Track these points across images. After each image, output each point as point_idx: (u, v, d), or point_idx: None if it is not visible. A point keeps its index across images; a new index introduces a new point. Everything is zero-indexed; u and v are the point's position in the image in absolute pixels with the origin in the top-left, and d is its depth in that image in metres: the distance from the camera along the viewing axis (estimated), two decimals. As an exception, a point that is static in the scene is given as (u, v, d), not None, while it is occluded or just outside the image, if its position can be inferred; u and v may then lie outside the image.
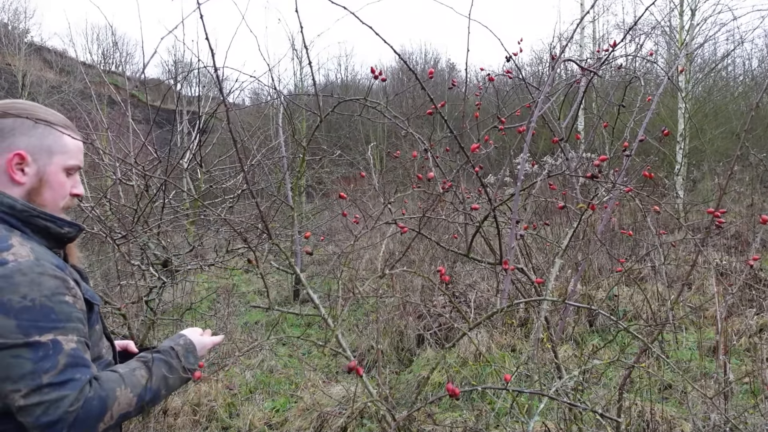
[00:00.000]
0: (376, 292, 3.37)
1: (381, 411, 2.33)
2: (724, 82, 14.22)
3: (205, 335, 1.48)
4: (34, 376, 0.99)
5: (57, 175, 1.19)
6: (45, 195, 1.17)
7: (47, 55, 25.96)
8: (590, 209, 2.66)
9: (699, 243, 2.73)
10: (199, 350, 1.40)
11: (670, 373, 3.93)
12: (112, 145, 3.22)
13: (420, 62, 26.49)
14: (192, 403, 3.78)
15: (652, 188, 4.51)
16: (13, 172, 1.13)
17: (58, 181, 1.19)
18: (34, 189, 1.15)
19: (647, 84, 6.13)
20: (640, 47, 7.79)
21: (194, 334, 1.45)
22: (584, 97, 3.18)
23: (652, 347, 2.21)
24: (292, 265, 2.41)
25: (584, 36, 15.39)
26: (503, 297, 2.16)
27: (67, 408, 1.01)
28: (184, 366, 1.32)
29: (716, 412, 2.96)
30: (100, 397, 1.07)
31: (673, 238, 7.30)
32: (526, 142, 2.67)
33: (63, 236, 1.18)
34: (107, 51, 28.72)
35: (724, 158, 11.08)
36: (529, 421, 2.18)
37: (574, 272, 4.44)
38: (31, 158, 1.14)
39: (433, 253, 6.41)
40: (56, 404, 1.00)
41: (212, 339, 1.48)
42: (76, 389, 1.02)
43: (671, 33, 12.09)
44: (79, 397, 1.03)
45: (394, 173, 11.27)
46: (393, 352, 4.90)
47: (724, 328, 3.90)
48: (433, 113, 2.18)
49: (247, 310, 6.59)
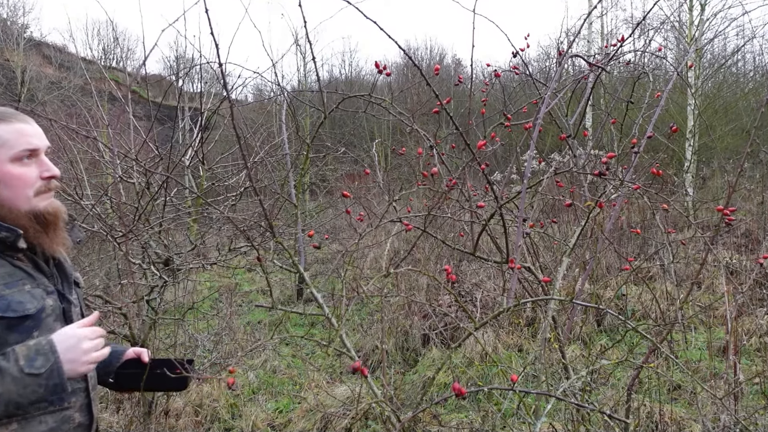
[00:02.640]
0: (380, 292, 3.33)
1: (386, 412, 2.29)
2: (734, 78, 14.09)
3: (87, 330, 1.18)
4: None
5: (3, 169, 1.11)
6: (3, 194, 1.10)
7: (47, 51, 25.84)
8: (598, 207, 2.61)
9: (709, 241, 2.67)
10: (65, 349, 1.12)
11: (680, 373, 3.88)
12: (113, 142, 3.19)
13: (425, 58, 26.41)
14: (194, 404, 3.75)
15: (661, 186, 4.45)
16: None
17: (10, 174, 1.11)
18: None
19: (656, 80, 6.04)
20: (649, 42, 7.71)
21: (69, 329, 1.17)
22: (592, 94, 3.12)
23: (661, 347, 2.17)
24: (295, 263, 2.37)
25: (592, 31, 15.28)
26: (510, 296, 2.11)
27: None
28: (21, 368, 1.06)
29: (726, 413, 2.93)
30: None
31: (682, 236, 7.23)
32: (533, 139, 2.62)
33: (2, 240, 1.11)
34: (108, 46, 28.63)
35: (734, 155, 10.97)
36: (536, 422, 2.13)
37: (582, 271, 4.38)
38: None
39: (439, 252, 6.36)
40: None
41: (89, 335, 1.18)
42: None
43: (680, 28, 11.97)
44: None
45: (399, 170, 11.24)
46: (398, 352, 4.86)
47: (734, 328, 3.84)
48: (438, 111, 2.12)
49: (249, 310, 6.57)
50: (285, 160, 6.09)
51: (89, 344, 1.15)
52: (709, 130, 10.68)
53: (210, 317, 5.68)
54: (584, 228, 3.22)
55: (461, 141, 2.11)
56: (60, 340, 1.12)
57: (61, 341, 1.12)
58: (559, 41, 4.98)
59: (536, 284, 3.40)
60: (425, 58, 26.55)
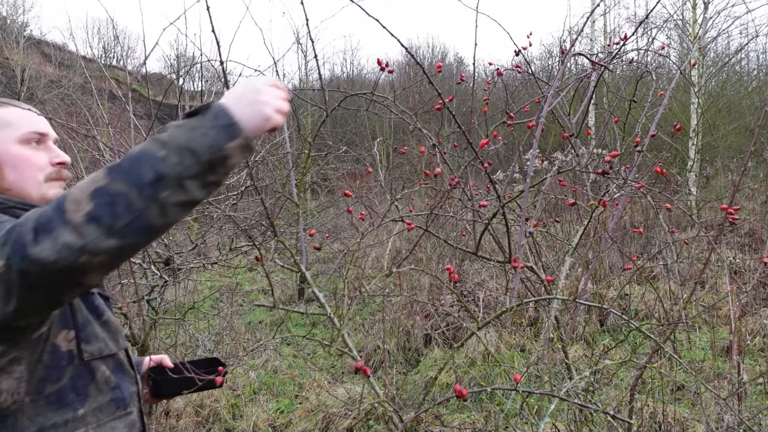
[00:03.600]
0: (382, 291, 3.31)
1: (388, 412, 2.27)
2: (738, 77, 14.04)
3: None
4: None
5: (9, 150, 1.04)
6: (9, 177, 1.02)
7: (46, 49, 25.55)
8: (601, 206, 2.59)
9: (712, 240, 2.65)
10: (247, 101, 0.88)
11: (683, 373, 3.86)
12: (113, 141, 3.17)
13: (427, 57, 26.35)
14: (195, 404, 3.74)
15: (664, 185, 4.42)
16: None
17: (18, 156, 1.04)
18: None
19: (659, 78, 6.01)
20: (652, 41, 7.68)
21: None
22: (595, 92, 3.10)
23: (664, 347, 2.15)
24: (297, 262, 2.35)
25: (595, 29, 15.24)
26: (512, 296, 2.09)
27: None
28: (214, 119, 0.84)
29: (730, 414, 2.92)
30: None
31: (685, 235, 7.20)
32: (536, 137, 2.59)
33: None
34: (108, 45, 28.44)
35: (738, 154, 10.93)
36: (539, 423, 2.12)
37: (584, 271, 4.36)
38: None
39: (441, 251, 6.34)
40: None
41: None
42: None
43: (684, 26, 11.93)
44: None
45: (401, 169, 11.22)
46: (400, 352, 4.85)
47: (737, 328, 3.82)
48: (441, 109, 2.10)
49: (250, 310, 6.56)
50: (286, 159, 6.07)
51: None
52: (713, 129, 10.64)
53: (211, 317, 5.67)
54: (587, 227, 3.20)
55: (463, 140, 2.08)
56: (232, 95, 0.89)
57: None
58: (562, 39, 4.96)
59: (539, 284, 3.38)
60: (427, 56, 26.51)
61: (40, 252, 0.74)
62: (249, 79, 0.95)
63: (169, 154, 0.80)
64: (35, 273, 0.75)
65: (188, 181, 0.81)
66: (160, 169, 0.79)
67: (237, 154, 0.85)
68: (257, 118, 0.88)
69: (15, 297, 0.78)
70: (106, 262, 0.78)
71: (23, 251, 0.75)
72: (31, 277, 0.75)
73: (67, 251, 0.74)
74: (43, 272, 0.75)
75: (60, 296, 0.82)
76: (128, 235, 0.77)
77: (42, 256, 0.74)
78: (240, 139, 0.85)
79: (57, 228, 0.75)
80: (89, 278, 0.79)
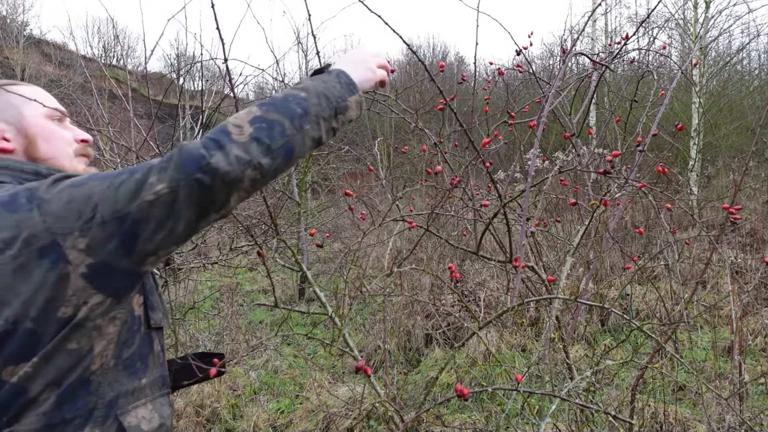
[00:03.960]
0: (383, 291, 3.30)
1: (389, 412, 2.27)
2: (739, 76, 14.01)
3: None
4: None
5: (39, 123, 1.06)
6: (42, 148, 1.04)
7: (46, 49, 25.32)
8: (602, 205, 2.58)
9: (714, 240, 2.64)
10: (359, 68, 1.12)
11: (684, 373, 3.85)
12: (113, 141, 3.17)
13: (428, 56, 26.32)
14: (195, 404, 3.73)
15: (666, 184, 4.41)
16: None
17: (47, 128, 1.06)
18: (28, 148, 1.03)
19: (660, 78, 6.01)
20: (653, 40, 7.66)
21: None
22: (596, 92, 3.09)
23: (665, 347, 2.14)
24: (298, 262, 2.35)
25: (596, 29, 15.21)
26: (513, 295, 2.09)
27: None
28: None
29: (731, 414, 2.91)
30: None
31: (687, 235, 7.19)
32: (537, 137, 2.59)
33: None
34: (108, 44, 28.28)
35: (739, 154, 10.90)
36: (541, 423, 2.11)
37: (585, 270, 4.35)
38: (2, 123, 1.02)
39: (442, 251, 6.33)
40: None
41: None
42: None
43: (685, 26, 11.90)
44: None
45: (402, 169, 11.21)
46: (400, 352, 4.84)
47: (739, 328, 3.82)
48: (443, 108, 2.10)
49: (251, 310, 6.54)
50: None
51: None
52: (714, 129, 10.62)
53: (211, 317, 5.65)
54: (588, 227, 3.19)
55: (464, 139, 2.08)
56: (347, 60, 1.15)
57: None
58: (563, 39, 4.95)
59: (540, 284, 3.37)
60: (428, 55, 26.48)
61: (217, 162, 0.84)
62: (356, 49, 1.20)
63: (310, 96, 0.99)
64: (207, 184, 0.84)
65: (322, 121, 1.00)
66: (305, 106, 0.97)
67: (354, 107, 1.08)
68: (367, 76, 1.13)
69: (173, 218, 0.86)
70: (258, 179, 0.90)
71: (199, 162, 0.84)
72: (204, 188, 0.84)
73: (237, 163, 0.86)
74: (215, 182, 0.85)
75: (208, 214, 0.89)
76: (278, 156, 0.92)
77: (219, 166, 0.84)
78: (356, 96, 1.08)
79: (227, 145, 0.86)
80: (239, 196, 0.89)
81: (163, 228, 0.86)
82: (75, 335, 0.87)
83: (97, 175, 0.90)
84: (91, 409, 0.90)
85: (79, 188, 0.87)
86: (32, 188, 0.88)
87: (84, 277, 0.85)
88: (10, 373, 0.84)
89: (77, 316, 0.86)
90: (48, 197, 0.86)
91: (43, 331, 0.84)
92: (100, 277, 0.86)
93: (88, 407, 0.90)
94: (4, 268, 0.83)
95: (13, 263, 0.83)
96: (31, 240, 0.83)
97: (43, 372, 0.85)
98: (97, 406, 0.91)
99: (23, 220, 0.84)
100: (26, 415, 0.85)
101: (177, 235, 0.89)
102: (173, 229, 0.87)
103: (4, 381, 0.84)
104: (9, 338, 0.83)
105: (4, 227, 0.84)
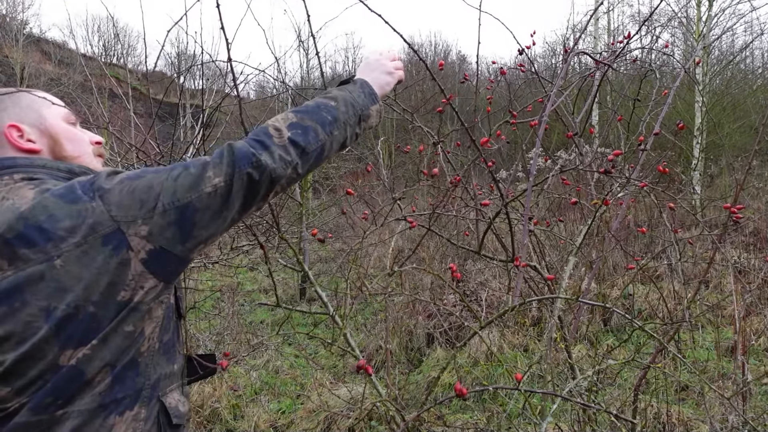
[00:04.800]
0: (384, 290, 3.29)
1: (390, 411, 2.26)
2: (743, 75, 13.95)
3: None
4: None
5: (61, 125, 1.09)
6: (68, 148, 1.08)
7: (46, 47, 25.22)
8: (604, 204, 2.57)
9: (717, 240, 2.62)
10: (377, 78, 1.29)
11: (687, 373, 3.84)
12: (114, 140, 3.16)
13: (429, 55, 26.28)
14: (196, 404, 3.72)
15: (667, 183, 4.39)
16: (21, 143, 1.03)
17: (68, 130, 1.10)
18: (54, 148, 1.06)
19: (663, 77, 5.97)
20: (656, 39, 7.63)
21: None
22: (598, 91, 3.07)
23: (668, 347, 2.13)
24: (300, 261, 2.34)
25: (599, 27, 15.17)
26: (515, 295, 2.07)
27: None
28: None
29: (734, 414, 2.90)
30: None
31: (689, 234, 7.16)
32: (539, 136, 2.57)
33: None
34: (108, 43, 28.19)
35: (743, 153, 10.86)
36: (542, 423, 2.10)
37: (588, 270, 4.33)
38: (26, 125, 1.05)
39: (443, 251, 6.32)
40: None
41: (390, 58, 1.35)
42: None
43: (688, 24, 11.86)
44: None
45: (404, 168, 11.20)
46: (402, 352, 4.82)
47: (742, 328, 3.80)
48: (444, 108, 2.08)
49: (251, 309, 6.53)
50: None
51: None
52: (717, 128, 10.58)
53: (212, 317, 5.65)
54: (591, 227, 3.18)
55: (466, 138, 2.06)
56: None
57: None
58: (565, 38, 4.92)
59: (542, 284, 3.36)
60: (429, 54, 26.44)
61: (266, 160, 0.98)
62: (370, 56, 1.33)
63: (338, 105, 1.13)
64: (257, 178, 0.97)
65: (348, 127, 1.14)
66: (335, 114, 1.11)
67: (375, 115, 1.22)
68: (387, 80, 1.29)
69: (227, 208, 0.97)
70: (294, 177, 1.04)
71: (251, 159, 0.97)
72: (253, 182, 0.97)
73: (281, 162, 1.00)
74: (262, 177, 0.98)
75: (251, 206, 1.02)
76: (311, 158, 1.06)
77: (267, 163, 0.98)
78: (377, 105, 1.23)
79: (271, 146, 1.00)
80: (277, 191, 1.03)
81: (219, 216, 0.97)
82: (131, 318, 0.91)
83: (151, 169, 0.97)
84: (139, 389, 0.95)
85: (139, 180, 0.93)
86: (86, 181, 0.93)
87: (143, 262, 0.90)
88: (68, 357, 0.86)
89: (134, 299, 0.90)
90: (109, 187, 0.91)
91: (102, 315, 0.88)
92: (157, 262, 0.92)
93: (136, 387, 0.94)
94: (68, 255, 0.86)
95: (77, 250, 0.86)
96: (96, 227, 0.88)
97: (101, 354, 0.88)
98: (144, 387, 0.95)
99: (85, 209, 0.89)
100: (81, 396, 0.88)
101: (228, 222, 0.99)
102: (226, 217, 0.98)
103: (61, 365, 0.86)
104: (70, 322, 0.86)
105: (65, 217, 0.87)
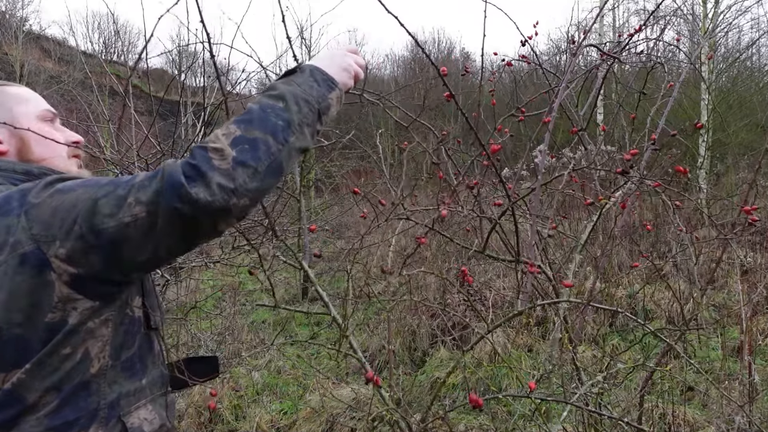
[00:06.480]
0: (393, 296, 3.26)
1: (395, 417, 2.23)
2: (749, 73, 13.84)
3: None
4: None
5: (33, 125, 1.04)
6: (36, 150, 1.03)
7: (46, 44, 25.13)
8: (621, 208, 2.52)
9: (725, 239, 2.58)
10: (333, 68, 1.05)
11: (693, 374, 3.79)
12: (114, 138, 3.13)
13: (433, 51, 26.19)
14: (197, 405, 3.69)
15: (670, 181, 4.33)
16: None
17: (41, 130, 1.05)
18: (22, 150, 1.02)
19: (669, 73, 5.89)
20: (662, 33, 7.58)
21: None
22: (603, 85, 3.02)
23: (676, 347, 2.09)
24: (300, 262, 2.30)
25: (603, 24, 15.09)
26: (524, 299, 2.03)
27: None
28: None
29: (741, 415, 2.88)
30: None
31: (696, 233, 7.10)
32: (548, 131, 2.53)
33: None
34: (108, 40, 28.13)
35: (749, 151, 10.80)
36: (551, 428, 2.06)
37: (593, 269, 4.29)
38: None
39: (446, 249, 6.27)
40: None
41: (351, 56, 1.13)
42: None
43: (694, 21, 11.78)
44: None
45: (407, 166, 11.14)
46: (405, 352, 4.78)
47: (749, 328, 3.76)
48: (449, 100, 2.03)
49: (253, 309, 6.49)
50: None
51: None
52: (724, 126, 10.52)
53: (213, 316, 5.61)
54: (596, 224, 3.14)
55: (469, 135, 2.01)
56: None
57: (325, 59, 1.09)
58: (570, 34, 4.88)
59: (546, 282, 3.31)
60: (433, 51, 26.36)
61: (197, 194, 0.78)
62: (328, 49, 1.19)
63: (289, 105, 0.91)
64: (188, 214, 0.79)
65: (306, 128, 0.93)
66: (286, 117, 0.90)
67: (336, 104, 1.02)
68: (343, 72, 1.06)
69: (156, 241, 0.82)
70: (247, 205, 0.84)
71: (179, 191, 0.78)
72: (184, 218, 0.79)
73: (221, 193, 0.80)
74: (196, 213, 0.79)
75: (195, 239, 0.86)
76: (267, 176, 0.85)
77: (199, 197, 0.78)
78: (336, 91, 1.02)
79: (208, 173, 0.79)
80: (228, 222, 0.84)
81: (143, 250, 0.83)
82: (69, 341, 0.85)
83: (89, 181, 0.88)
84: (94, 409, 0.89)
85: (67, 195, 0.84)
86: (25, 190, 0.87)
87: (69, 285, 0.83)
88: (2, 380, 0.83)
89: (68, 321, 0.84)
90: (37, 201, 0.84)
91: (31, 337, 0.83)
92: (85, 285, 0.85)
93: (90, 408, 0.89)
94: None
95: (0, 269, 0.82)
96: (16, 246, 0.82)
97: (39, 377, 0.84)
98: (100, 407, 0.90)
99: (12, 225, 0.84)
100: (25, 419, 0.84)
101: (160, 257, 0.86)
102: (155, 251, 0.84)
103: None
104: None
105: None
